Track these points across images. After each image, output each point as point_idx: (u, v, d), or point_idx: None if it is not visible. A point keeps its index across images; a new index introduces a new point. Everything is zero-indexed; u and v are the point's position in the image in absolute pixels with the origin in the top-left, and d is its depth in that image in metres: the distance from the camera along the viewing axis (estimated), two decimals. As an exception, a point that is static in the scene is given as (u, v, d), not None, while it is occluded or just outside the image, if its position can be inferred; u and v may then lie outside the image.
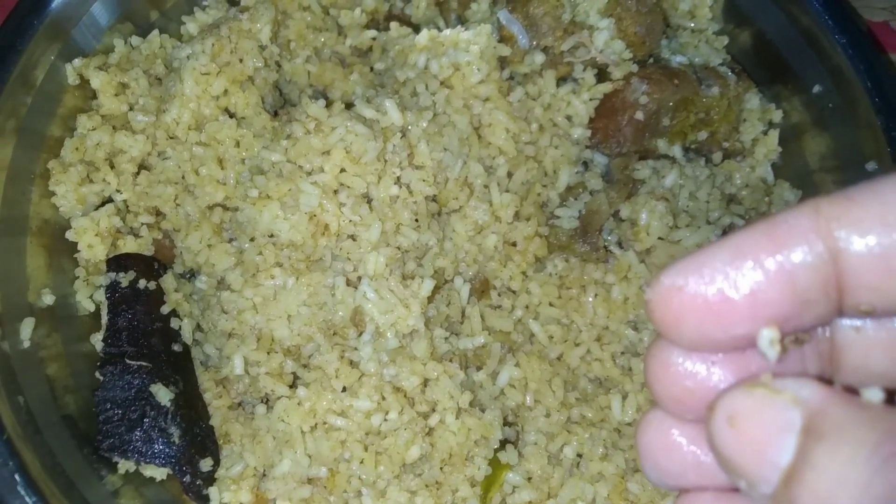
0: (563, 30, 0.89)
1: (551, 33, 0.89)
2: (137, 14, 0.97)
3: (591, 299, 0.86)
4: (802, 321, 0.33)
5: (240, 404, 0.87)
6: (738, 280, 0.33)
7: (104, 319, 0.86)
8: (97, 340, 0.86)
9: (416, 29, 0.99)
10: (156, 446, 0.79)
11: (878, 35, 0.99)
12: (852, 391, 0.32)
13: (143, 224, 0.90)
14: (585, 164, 0.92)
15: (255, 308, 0.82)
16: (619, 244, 0.87)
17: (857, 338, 0.36)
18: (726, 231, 0.86)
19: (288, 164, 0.82)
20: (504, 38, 0.91)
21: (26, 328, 0.81)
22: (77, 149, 0.90)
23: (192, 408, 0.83)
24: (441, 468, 0.79)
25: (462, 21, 1.03)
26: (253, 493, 0.82)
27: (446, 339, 0.82)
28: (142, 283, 0.86)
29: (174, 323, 0.87)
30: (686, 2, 1.00)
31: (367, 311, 0.79)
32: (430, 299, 0.82)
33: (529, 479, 0.82)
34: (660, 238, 0.85)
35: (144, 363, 0.82)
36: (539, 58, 0.90)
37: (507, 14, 0.90)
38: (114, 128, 0.91)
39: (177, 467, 0.79)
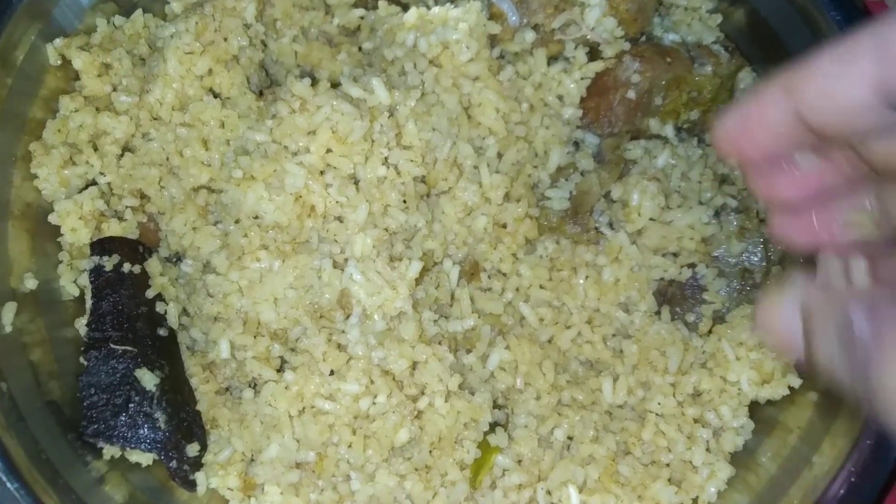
0: (553, 7, 0.88)
1: (542, 10, 0.88)
2: (120, -7, 0.95)
3: (581, 281, 0.85)
4: None
5: (227, 389, 0.86)
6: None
7: (88, 304, 0.85)
8: (81, 325, 0.85)
9: (405, 7, 0.97)
10: (141, 431, 0.78)
11: (873, 12, 0.98)
12: None
13: (127, 207, 0.89)
14: (576, 145, 0.91)
15: (241, 291, 0.81)
16: (611, 225, 0.86)
17: None
18: (718, 212, 0.85)
19: (273, 145, 0.80)
20: (494, 16, 0.89)
21: (8, 313, 0.79)
22: (59, 131, 0.88)
23: (178, 392, 0.82)
24: (430, 451, 0.79)
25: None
26: (241, 478, 0.81)
27: (435, 321, 0.81)
28: (126, 266, 0.84)
29: (160, 307, 0.85)
30: None
31: (353, 293, 0.78)
32: (419, 282, 0.81)
33: (519, 461, 0.82)
34: (651, 219, 0.84)
35: (129, 348, 0.81)
36: (529, 36, 0.89)
37: None
38: (97, 109, 0.90)
39: (163, 453, 0.78)
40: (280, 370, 0.81)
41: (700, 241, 0.84)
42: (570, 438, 0.83)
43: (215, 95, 0.88)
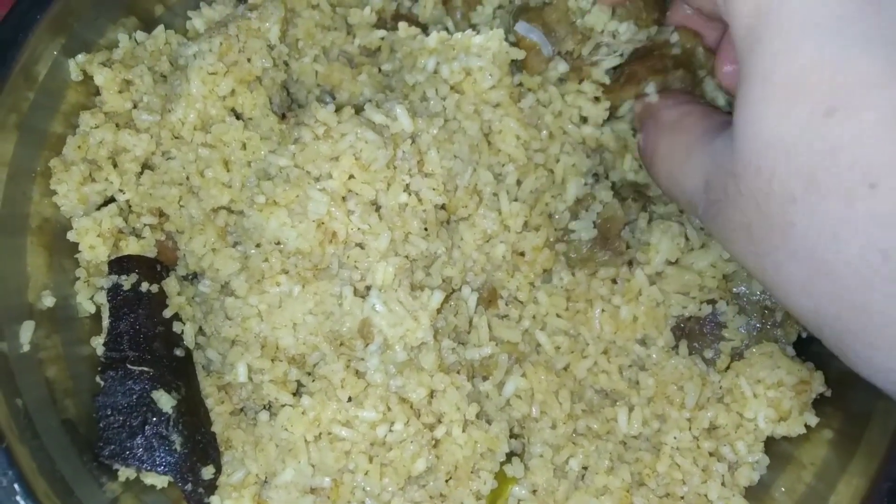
0: (580, 33, 0.88)
1: (570, 37, 0.87)
2: (142, 8, 0.95)
3: (597, 314, 0.85)
4: None
5: (242, 410, 0.86)
6: None
7: (105, 322, 0.84)
8: (98, 343, 0.85)
9: (424, 29, 0.97)
10: (157, 454, 0.78)
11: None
12: None
13: (145, 225, 0.88)
14: (596, 176, 0.90)
15: (260, 315, 0.80)
16: (630, 263, 0.86)
17: None
18: None
19: (296, 170, 0.80)
20: (526, 51, 0.89)
21: (26, 331, 0.79)
22: (79, 147, 0.88)
23: (194, 414, 0.82)
24: (446, 481, 0.79)
25: (466, 20, 1.02)
26: (254, 502, 0.81)
27: (453, 349, 0.81)
28: (144, 286, 0.84)
29: (176, 327, 0.85)
30: None
31: (375, 323, 0.77)
32: (439, 310, 0.81)
33: (534, 492, 0.82)
34: (669, 262, 0.84)
35: (146, 368, 0.80)
36: (562, 66, 0.88)
37: (526, 24, 0.88)
38: (117, 126, 0.89)
39: (178, 476, 0.78)
40: (297, 394, 0.81)
41: (721, 279, 0.84)
42: (585, 468, 0.83)
43: (237, 116, 0.88)
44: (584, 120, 0.90)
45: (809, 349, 0.86)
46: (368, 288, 0.79)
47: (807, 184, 0.48)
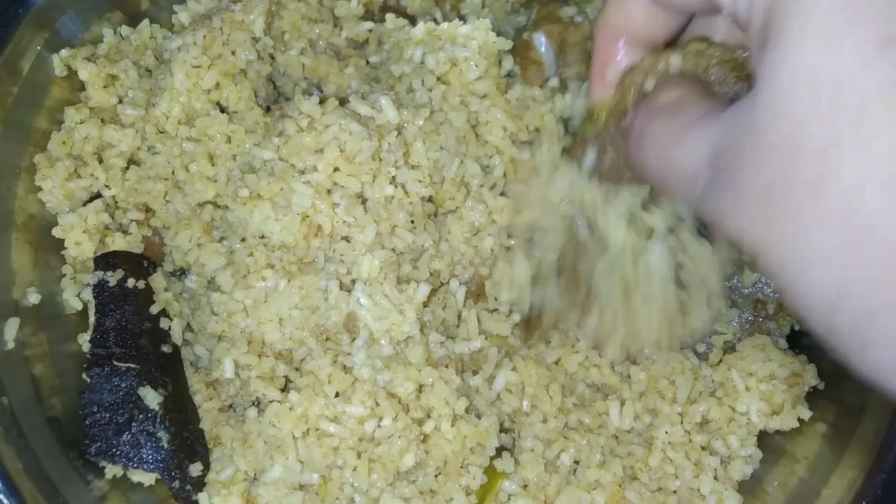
0: (587, 64, 0.87)
1: (577, 65, 0.87)
2: (127, 3, 0.94)
3: None
4: None
5: (230, 406, 0.85)
6: None
7: (91, 319, 0.84)
8: (84, 340, 0.84)
9: (412, 20, 0.96)
10: (144, 451, 0.77)
11: None
12: None
13: (132, 221, 0.88)
14: None
15: (246, 311, 0.80)
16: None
17: None
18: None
19: (280, 163, 0.79)
20: (529, 62, 0.88)
21: (11, 329, 0.79)
22: (64, 142, 0.87)
23: (181, 411, 0.81)
24: (436, 476, 0.78)
25: (455, 10, 1.01)
26: (243, 499, 0.80)
27: (442, 343, 0.80)
28: (130, 282, 0.83)
29: (163, 323, 0.85)
30: None
31: (360, 317, 0.77)
32: (426, 303, 0.80)
33: (525, 486, 0.81)
34: None
35: (133, 365, 0.80)
36: (553, 82, 0.88)
37: (545, 39, 0.87)
38: (102, 121, 0.89)
39: (165, 473, 0.77)
40: (284, 390, 0.81)
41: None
42: (576, 463, 0.82)
43: (222, 110, 0.87)
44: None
45: (802, 342, 0.85)
46: (354, 281, 0.78)
47: (856, 121, 0.42)
